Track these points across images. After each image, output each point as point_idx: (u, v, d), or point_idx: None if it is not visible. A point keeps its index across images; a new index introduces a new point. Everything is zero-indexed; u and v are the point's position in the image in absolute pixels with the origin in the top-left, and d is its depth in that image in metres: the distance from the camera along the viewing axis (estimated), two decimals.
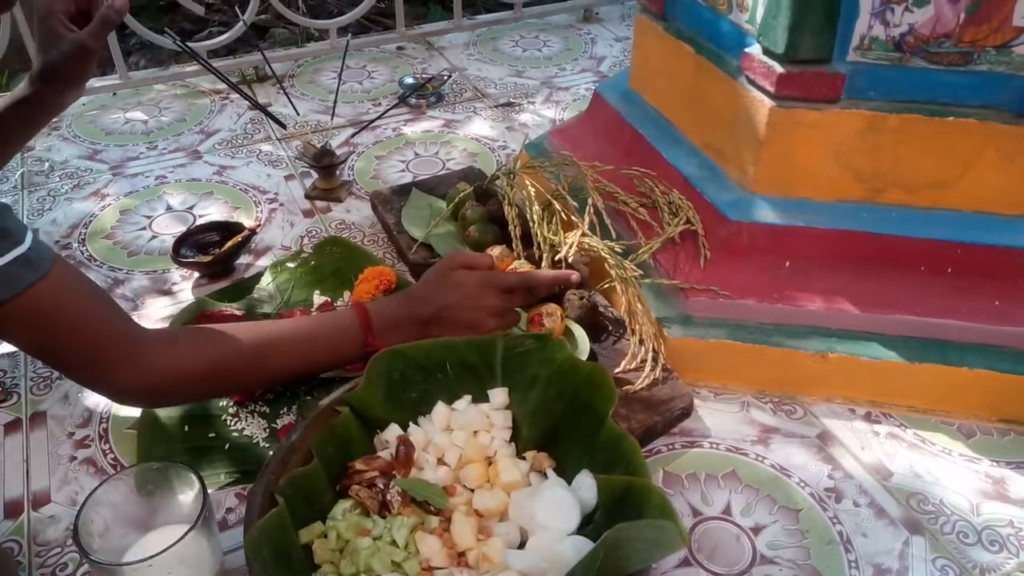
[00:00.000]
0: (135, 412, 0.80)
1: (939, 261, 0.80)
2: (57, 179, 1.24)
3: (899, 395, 0.80)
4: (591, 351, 0.82)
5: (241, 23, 1.42)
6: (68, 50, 0.81)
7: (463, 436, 0.67)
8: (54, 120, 1.37)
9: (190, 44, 1.27)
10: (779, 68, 0.78)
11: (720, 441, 0.78)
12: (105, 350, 0.63)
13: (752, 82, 0.82)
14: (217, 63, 1.46)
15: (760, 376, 0.83)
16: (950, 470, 0.75)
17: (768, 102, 0.80)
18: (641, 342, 0.81)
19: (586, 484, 0.63)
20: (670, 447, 0.77)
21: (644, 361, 0.80)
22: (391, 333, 0.76)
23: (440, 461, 0.66)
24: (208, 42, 1.48)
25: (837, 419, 0.81)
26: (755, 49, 0.81)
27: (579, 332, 0.83)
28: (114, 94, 1.49)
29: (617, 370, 0.80)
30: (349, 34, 1.55)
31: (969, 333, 0.78)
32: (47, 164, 1.28)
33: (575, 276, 0.83)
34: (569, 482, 0.64)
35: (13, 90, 0.85)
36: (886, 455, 0.76)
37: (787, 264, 0.83)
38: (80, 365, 0.64)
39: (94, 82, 1.47)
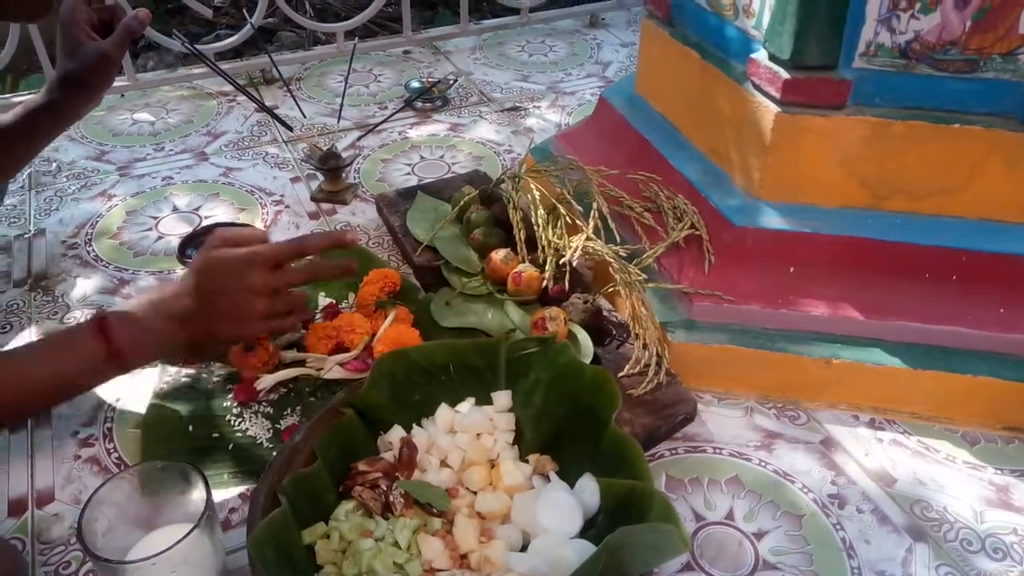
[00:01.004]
0: (140, 410, 0.80)
1: (944, 268, 0.80)
2: (64, 179, 1.24)
3: (903, 402, 0.80)
4: (595, 355, 0.82)
5: (249, 26, 1.43)
6: (90, 59, 0.81)
7: (466, 438, 0.67)
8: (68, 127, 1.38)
9: (198, 46, 1.28)
10: (785, 74, 0.78)
11: (723, 446, 0.78)
12: None
13: (758, 88, 0.82)
14: (224, 65, 1.47)
15: (764, 381, 0.83)
16: (954, 477, 0.75)
17: (774, 108, 0.80)
18: (645, 346, 0.81)
19: (589, 488, 0.63)
20: (673, 451, 0.77)
21: (648, 365, 0.80)
22: (143, 343, 0.68)
23: (443, 463, 0.67)
24: (216, 44, 1.49)
25: (841, 425, 0.80)
26: (761, 55, 0.82)
27: (583, 336, 0.83)
28: (122, 95, 1.49)
29: (621, 374, 0.80)
30: (356, 38, 1.56)
31: (974, 340, 0.78)
32: (55, 164, 1.28)
33: (349, 235, 0.74)
34: (572, 485, 0.64)
35: (32, 97, 0.85)
36: (890, 462, 0.76)
37: (792, 270, 0.83)
38: None
39: None
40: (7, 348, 0.68)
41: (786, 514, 0.71)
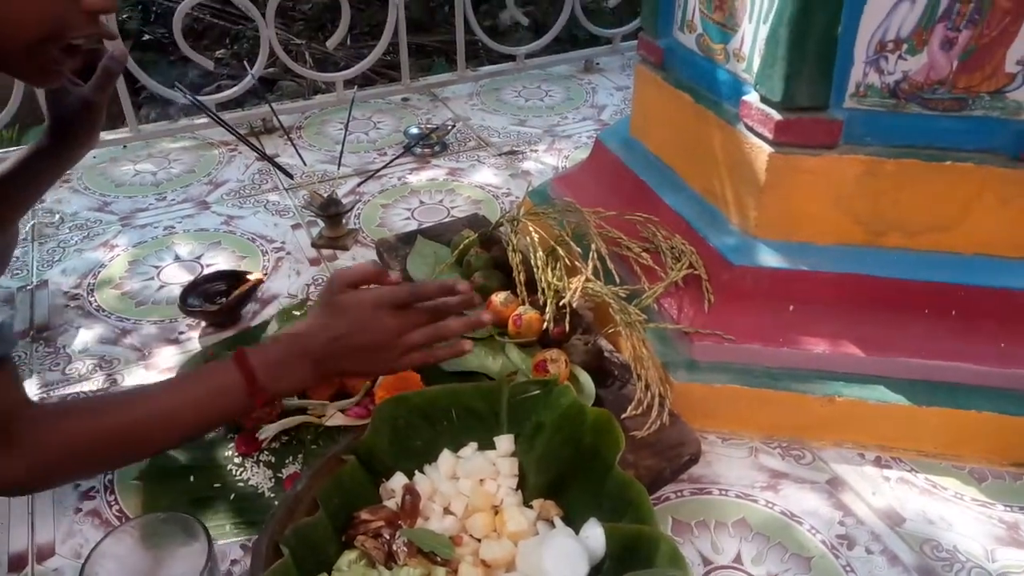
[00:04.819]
0: (141, 463, 0.79)
1: (943, 304, 0.80)
2: (67, 230, 1.25)
3: (908, 439, 0.80)
4: (597, 396, 0.81)
5: (250, 77, 1.46)
6: (75, 106, 0.83)
7: (469, 484, 0.67)
8: (65, 172, 1.40)
9: (200, 97, 1.30)
10: (777, 115, 0.79)
11: (729, 487, 0.77)
12: None
13: (751, 129, 0.84)
14: (226, 115, 1.50)
15: (768, 420, 0.83)
16: (963, 515, 0.74)
17: (767, 148, 0.81)
18: (647, 387, 0.81)
19: (594, 533, 0.62)
20: (678, 494, 0.77)
21: (650, 406, 0.80)
22: (280, 378, 0.69)
23: (446, 510, 0.66)
24: (217, 95, 1.52)
25: (847, 464, 0.80)
26: (752, 97, 0.83)
27: (584, 377, 0.83)
28: (124, 147, 1.52)
29: (624, 415, 0.80)
30: (355, 86, 1.59)
31: (976, 376, 0.78)
32: (57, 216, 1.30)
33: (463, 285, 0.75)
34: (577, 530, 0.63)
35: (28, 145, 0.87)
36: (898, 500, 0.76)
37: (791, 308, 0.83)
38: None
39: (105, 135, 1.50)
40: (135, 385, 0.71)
41: (795, 556, 0.70)
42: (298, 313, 1.00)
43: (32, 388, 0.91)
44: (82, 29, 0.62)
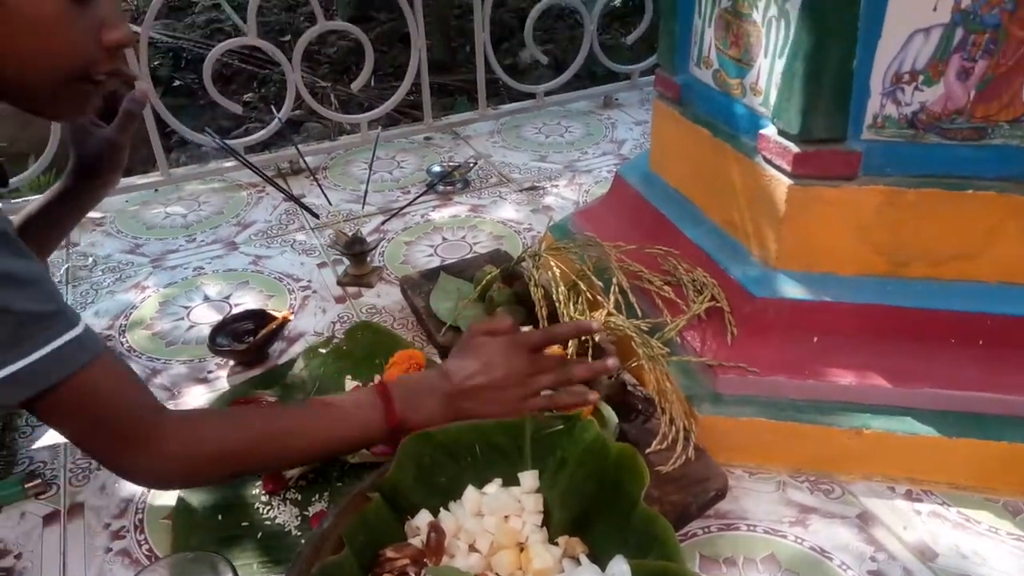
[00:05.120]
0: (170, 502, 0.80)
1: (969, 333, 0.79)
2: (100, 273, 1.29)
3: (939, 471, 0.79)
4: (621, 431, 0.81)
5: (277, 120, 1.50)
6: (98, 147, 0.85)
7: (494, 521, 0.67)
8: (98, 217, 1.44)
9: (228, 141, 1.33)
10: (795, 148, 0.80)
11: (757, 523, 0.76)
12: (135, 434, 0.64)
13: (769, 161, 0.84)
14: (254, 158, 1.53)
15: (795, 454, 0.82)
16: (998, 550, 0.72)
17: (786, 180, 0.82)
18: (671, 421, 0.81)
19: (620, 570, 0.61)
20: (705, 530, 0.76)
21: (675, 440, 0.79)
22: (416, 408, 0.73)
23: (472, 547, 0.66)
24: (246, 139, 1.56)
25: (877, 498, 0.79)
26: (770, 130, 0.84)
27: (608, 412, 0.82)
28: (156, 190, 1.56)
29: (648, 450, 0.79)
30: (379, 127, 1.62)
31: (1006, 406, 0.77)
32: (91, 259, 1.33)
33: (595, 325, 0.81)
34: (603, 567, 0.63)
35: (53, 187, 0.89)
36: (930, 535, 0.74)
37: (815, 339, 0.83)
38: (113, 448, 0.65)
39: (136, 179, 1.54)
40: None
41: None
42: (324, 351, 1.02)
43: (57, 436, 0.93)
44: (105, 65, 0.65)
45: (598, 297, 0.91)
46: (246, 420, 0.71)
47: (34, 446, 0.91)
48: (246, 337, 1.03)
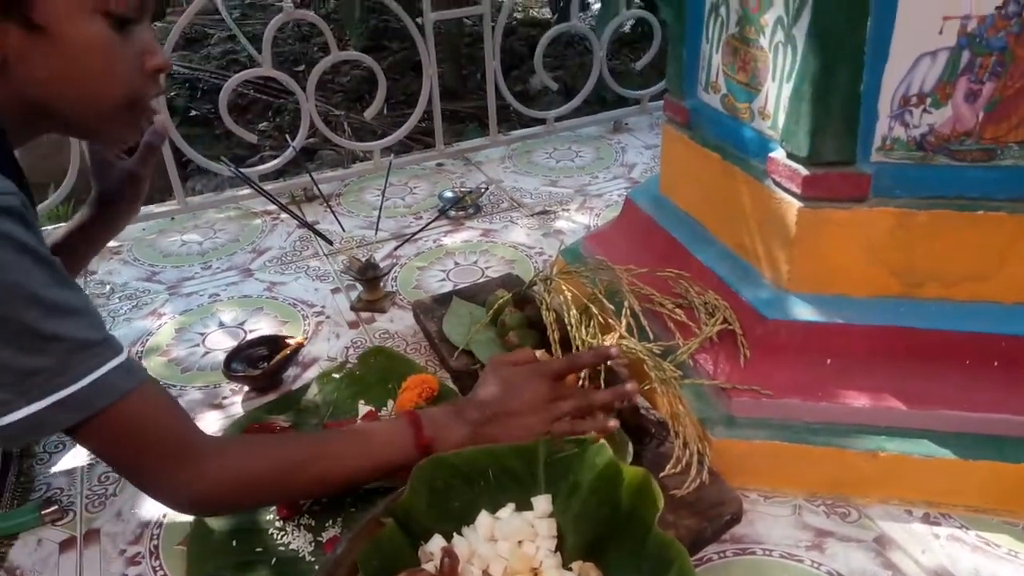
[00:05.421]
0: (185, 528, 0.81)
1: (984, 354, 0.79)
2: (117, 300, 1.30)
3: (957, 494, 0.78)
4: (634, 455, 0.81)
5: (291, 148, 1.52)
6: (119, 179, 0.88)
7: (507, 546, 0.67)
8: (115, 245, 1.46)
9: (243, 169, 1.35)
10: (804, 171, 0.80)
11: (773, 547, 0.76)
12: (176, 459, 0.66)
13: (779, 184, 0.84)
14: (268, 186, 1.55)
15: (810, 477, 0.81)
16: (1018, 574, 0.71)
17: (796, 203, 0.82)
18: (685, 444, 0.81)
19: None
20: (721, 555, 0.75)
21: (689, 464, 0.79)
22: (444, 434, 0.75)
23: (485, 573, 0.66)
24: (261, 167, 1.58)
25: (894, 521, 0.78)
26: (779, 153, 0.84)
27: (621, 435, 0.82)
28: (172, 218, 1.58)
29: (662, 474, 0.79)
30: (392, 154, 1.64)
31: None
32: (108, 287, 1.35)
33: (614, 351, 0.82)
34: None
35: (75, 216, 0.92)
36: (948, 559, 0.73)
37: (828, 361, 0.82)
38: (154, 472, 0.66)
39: (153, 208, 1.57)
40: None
41: None
42: (337, 376, 1.02)
43: (77, 459, 0.94)
44: (150, 88, 0.69)
45: (610, 320, 0.91)
46: (283, 446, 0.74)
47: (51, 472, 0.92)
48: (260, 363, 1.04)
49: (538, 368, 0.81)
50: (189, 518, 0.81)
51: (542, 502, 0.70)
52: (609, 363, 0.87)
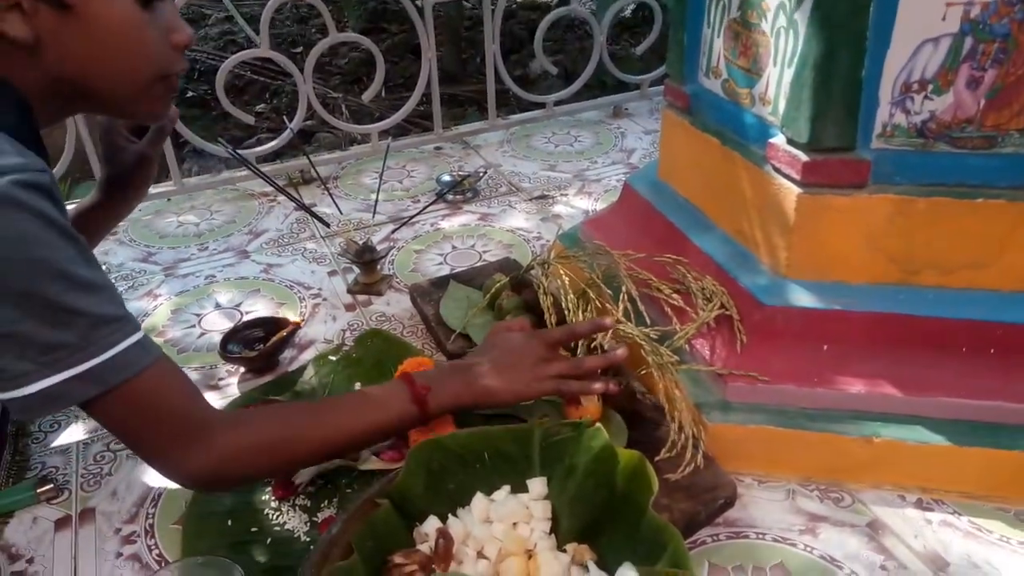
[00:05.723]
0: (180, 506, 0.81)
1: (981, 342, 0.79)
2: (113, 281, 1.29)
3: (950, 480, 0.78)
4: (630, 438, 0.81)
5: (288, 130, 1.51)
6: (130, 161, 0.88)
7: (502, 528, 0.67)
8: (116, 224, 1.45)
9: (240, 151, 1.35)
10: (804, 157, 0.80)
11: (766, 531, 0.76)
12: (187, 433, 0.66)
13: (778, 170, 0.84)
14: (265, 168, 1.55)
15: (804, 462, 0.81)
16: (1010, 560, 0.72)
17: (795, 189, 0.82)
18: (680, 429, 0.81)
19: None
20: (714, 538, 0.76)
21: (684, 448, 0.79)
22: (439, 387, 0.77)
23: (480, 554, 0.66)
24: (257, 149, 1.57)
25: (887, 506, 0.78)
26: (779, 139, 0.84)
27: (617, 419, 0.82)
28: (168, 199, 1.57)
29: (657, 458, 0.79)
30: (390, 136, 1.63)
31: (1018, 415, 0.76)
32: (104, 267, 1.34)
33: (609, 321, 0.84)
34: (611, 575, 0.63)
35: (83, 199, 0.91)
36: (941, 544, 0.74)
37: (825, 348, 0.83)
38: (166, 447, 0.67)
39: (150, 188, 1.55)
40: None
41: None
42: (334, 358, 1.02)
43: (74, 434, 0.94)
44: (177, 64, 0.70)
45: (607, 305, 0.91)
46: (288, 413, 0.75)
47: (46, 451, 0.92)
48: (257, 344, 1.04)
49: (536, 333, 0.84)
50: (184, 497, 0.81)
51: (537, 484, 0.70)
52: (605, 347, 0.87)
